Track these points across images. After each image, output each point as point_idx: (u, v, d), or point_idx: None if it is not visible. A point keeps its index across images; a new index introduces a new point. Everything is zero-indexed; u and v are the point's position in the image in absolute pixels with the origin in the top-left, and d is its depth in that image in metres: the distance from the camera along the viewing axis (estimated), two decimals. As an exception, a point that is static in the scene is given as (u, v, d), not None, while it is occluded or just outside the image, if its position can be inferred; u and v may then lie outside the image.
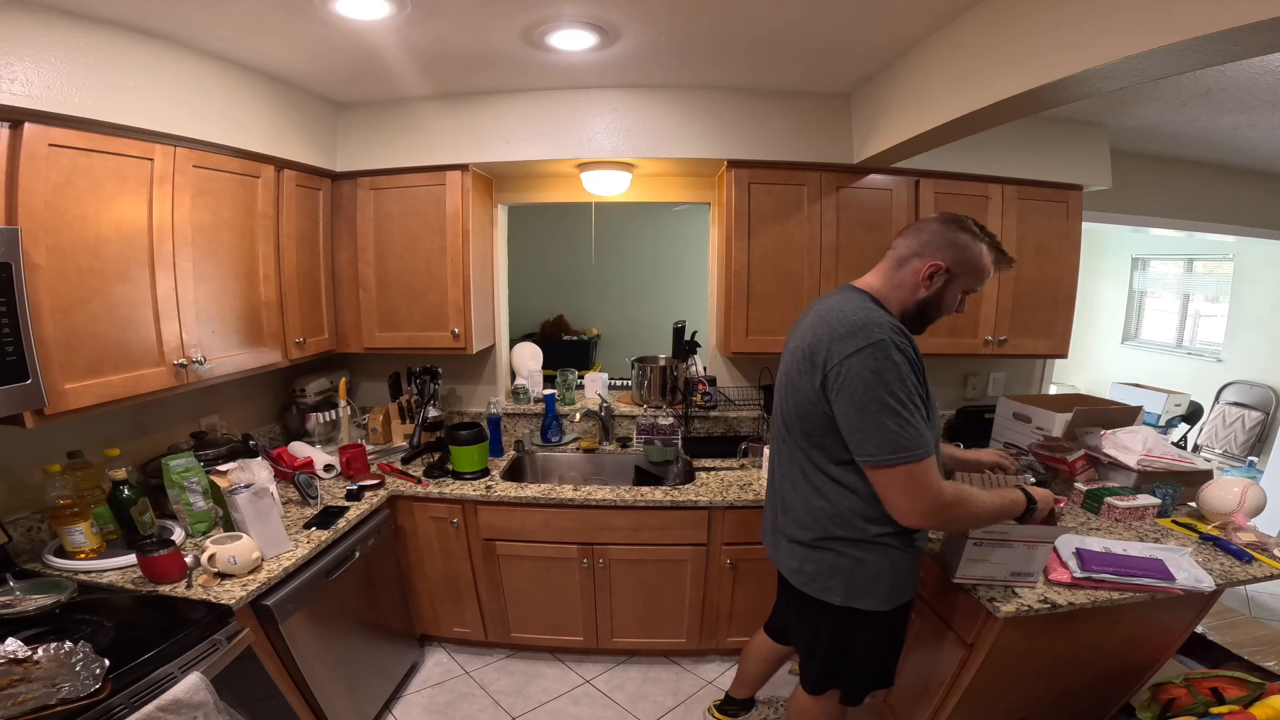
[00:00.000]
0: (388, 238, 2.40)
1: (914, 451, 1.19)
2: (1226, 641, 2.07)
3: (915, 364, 1.25)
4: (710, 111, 2.25)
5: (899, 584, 1.38)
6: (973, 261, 1.34)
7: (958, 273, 1.34)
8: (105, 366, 1.54)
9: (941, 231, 1.34)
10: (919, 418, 1.22)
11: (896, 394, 1.19)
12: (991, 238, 1.37)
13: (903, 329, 1.28)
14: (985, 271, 1.36)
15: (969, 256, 1.33)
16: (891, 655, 1.51)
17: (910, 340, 1.27)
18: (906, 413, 1.19)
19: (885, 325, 1.24)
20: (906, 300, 1.36)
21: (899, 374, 1.20)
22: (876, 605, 1.38)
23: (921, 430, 1.21)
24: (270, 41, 1.77)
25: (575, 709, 2.20)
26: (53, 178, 1.41)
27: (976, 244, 1.34)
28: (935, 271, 1.33)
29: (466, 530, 2.25)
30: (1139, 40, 1.12)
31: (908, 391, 1.20)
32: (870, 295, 1.36)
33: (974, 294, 1.41)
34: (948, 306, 1.38)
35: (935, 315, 1.39)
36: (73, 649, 1.16)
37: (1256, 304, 4.31)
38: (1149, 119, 2.31)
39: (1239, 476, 2.19)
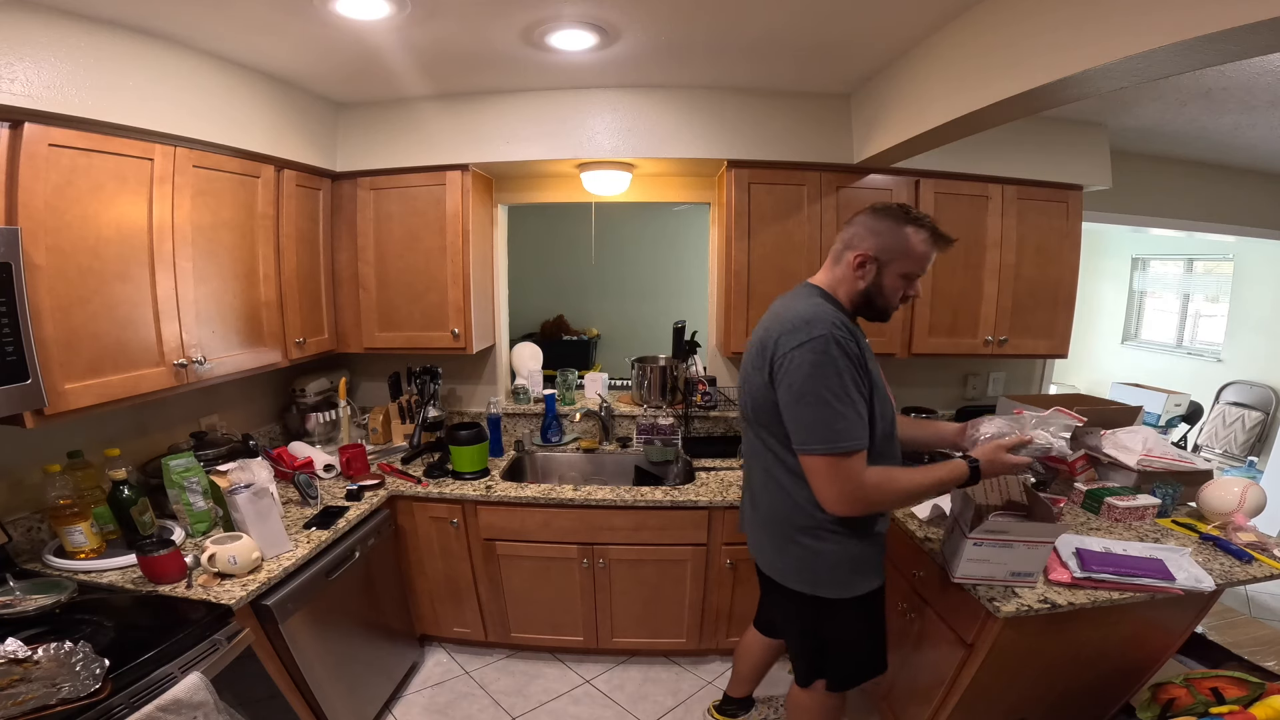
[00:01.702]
0: (388, 238, 2.40)
1: (839, 443, 1.26)
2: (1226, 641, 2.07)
3: (857, 358, 1.29)
4: (710, 111, 2.25)
5: (860, 571, 1.43)
6: (899, 247, 1.35)
7: (886, 259, 1.36)
8: (105, 366, 1.54)
9: (865, 222, 1.39)
10: (854, 411, 1.27)
11: (831, 387, 1.25)
12: (922, 219, 1.37)
13: (847, 324, 1.33)
14: (918, 254, 1.36)
15: (893, 242, 1.35)
16: (872, 640, 1.54)
17: (854, 334, 1.32)
18: (839, 405, 1.25)
19: (828, 321, 1.29)
20: (851, 292, 1.41)
21: (836, 368, 1.26)
22: (840, 593, 1.43)
23: (853, 424, 1.26)
24: (270, 41, 1.77)
25: (575, 709, 2.20)
26: (53, 178, 1.41)
27: (900, 229, 1.35)
28: (863, 261, 1.37)
29: (466, 530, 2.25)
30: (1139, 40, 1.12)
31: (843, 385, 1.26)
32: (822, 291, 1.43)
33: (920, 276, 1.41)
34: (891, 293, 1.39)
35: (884, 303, 1.41)
36: (73, 649, 1.16)
37: (1256, 304, 4.31)
38: (1149, 119, 2.31)
39: (1239, 476, 2.19)
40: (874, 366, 1.37)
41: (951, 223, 2.36)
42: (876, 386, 1.36)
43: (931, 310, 2.42)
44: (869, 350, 1.38)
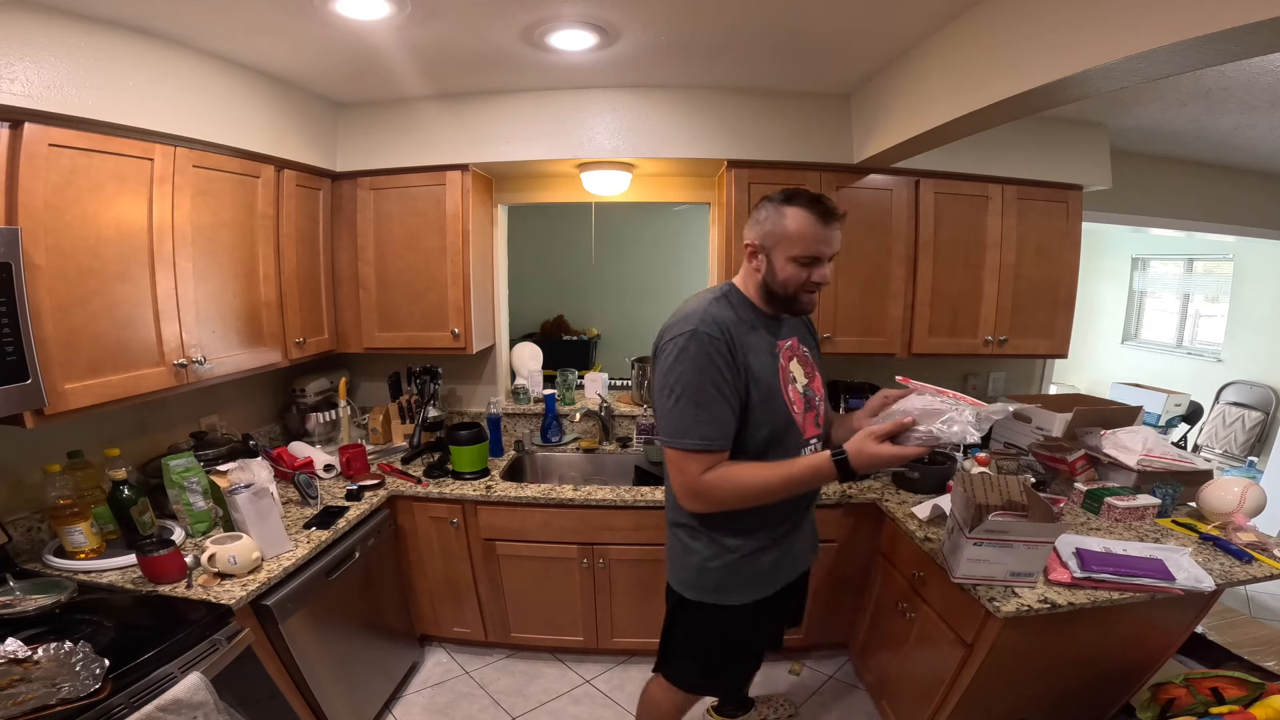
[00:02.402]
0: (388, 238, 2.40)
1: (683, 439, 1.26)
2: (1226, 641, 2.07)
3: (724, 356, 1.26)
4: (710, 111, 2.25)
5: (726, 582, 1.41)
6: (777, 230, 1.31)
7: (769, 245, 1.32)
8: (105, 366, 1.54)
9: (751, 215, 1.39)
10: (706, 412, 1.25)
11: (687, 381, 1.25)
12: (799, 195, 1.31)
13: (725, 320, 1.30)
14: (798, 234, 1.29)
15: (770, 226, 1.32)
16: (718, 655, 1.51)
17: (727, 331, 1.28)
18: (690, 401, 1.25)
19: (698, 316, 1.29)
20: (754, 285, 1.38)
21: (695, 365, 1.25)
22: (697, 595, 1.43)
23: (701, 423, 1.25)
24: (270, 41, 1.77)
25: (575, 709, 2.20)
26: (53, 178, 1.41)
27: (776, 211, 1.32)
28: (752, 251, 1.36)
29: (466, 530, 2.25)
30: (1139, 40, 1.12)
31: (699, 381, 1.25)
32: (731, 287, 1.41)
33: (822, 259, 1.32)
34: (787, 278, 1.32)
35: (785, 291, 1.34)
36: (73, 649, 1.16)
37: (1256, 304, 4.31)
38: (1149, 119, 2.31)
39: (1239, 476, 2.19)
40: (761, 364, 1.33)
41: (951, 223, 2.38)
42: (759, 385, 1.31)
43: (931, 310, 2.42)
44: (756, 347, 1.33)
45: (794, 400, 1.39)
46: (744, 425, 1.31)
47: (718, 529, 1.39)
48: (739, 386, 1.29)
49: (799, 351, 1.45)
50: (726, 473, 1.28)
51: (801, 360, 1.45)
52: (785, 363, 1.39)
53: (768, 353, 1.36)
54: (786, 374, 1.38)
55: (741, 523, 1.38)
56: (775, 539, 1.43)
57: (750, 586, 1.43)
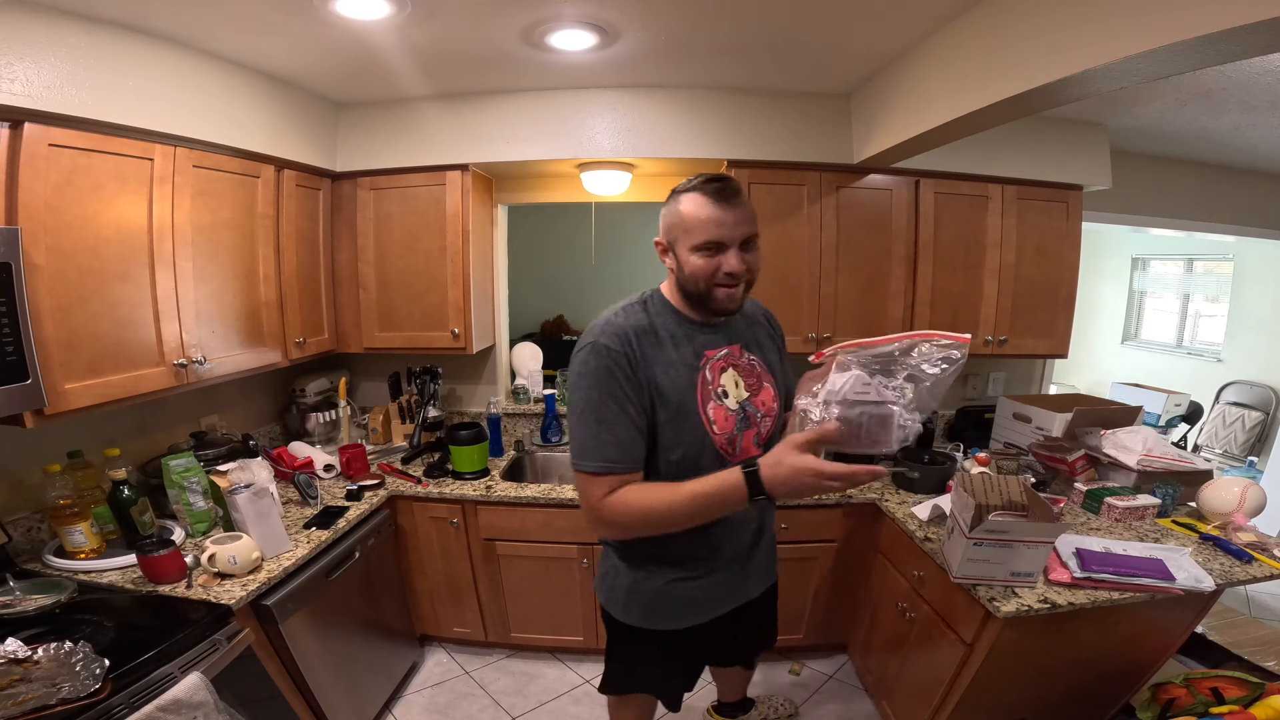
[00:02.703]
0: (388, 238, 2.40)
1: (584, 461, 1.17)
2: (1226, 641, 2.07)
3: (623, 369, 1.15)
4: (710, 112, 2.25)
5: (633, 600, 1.34)
6: (674, 220, 1.21)
7: (672, 238, 1.22)
8: (105, 366, 1.54)
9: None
10: (611, 429, 1.15)
11: (589, 397, 1.16)
12: (691, 181, 1.20)
13: (621, 331, 1.19)
14: (694, 218, 1.17)
15: (670, 219, 1.22)
16: (641, 672, 1.45)
17: (627, 345, 1.17)
18: (592, 419, 1.16)
19: (599, 327, 1.20)
20: (673, 285, 1.27)
21: (596, 380, 1.16)
22: (615, 612, 1.37)
23: (604, 444, 1.15)
24: (270, 41, 1.77)
25: (575, 709, 2.19)
26: (53, 178, 1.41)
27: (673, 201, 1.22)
28: (661, 251, 1.26)
29: (466, 530, 2.25)
30: (1139, 40, 1.12)
31: (601, 399, 1.15)
32: (654, 292, 1.30)
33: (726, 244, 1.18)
34: (694, 271, 1.19)
35: (692, 288, 1.21)
36: (73, 649, 1.16)
37: (1256, 304, 4.31)
38: (1149, 119, 2.31)
39: (1239, 476, 2.19)
40: (671, 379, 1.19)
41: (951, 223, 2.38)
42: (665, 402, 1.18)
43: (931, 310, 2.42)
44: (667, 360, 1.20)
45: (715, 419, 1.22)
46: (654, 447, 1.20)
47: (646, 553, 1.30)
48: (644, 403, 1.17)
49: (739, 361, 1.29)
50: (628, 496, 1.15)
51: (742, 371, 1.28)
52: (712, 376, 1.24)
53: (684, 365, 1.21)
54: (709, 389, 1.23)
55: (671, 548, 1.26)
56: (713, 567, 1.31)
57: (677, 614, 1.33)
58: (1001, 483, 1.56)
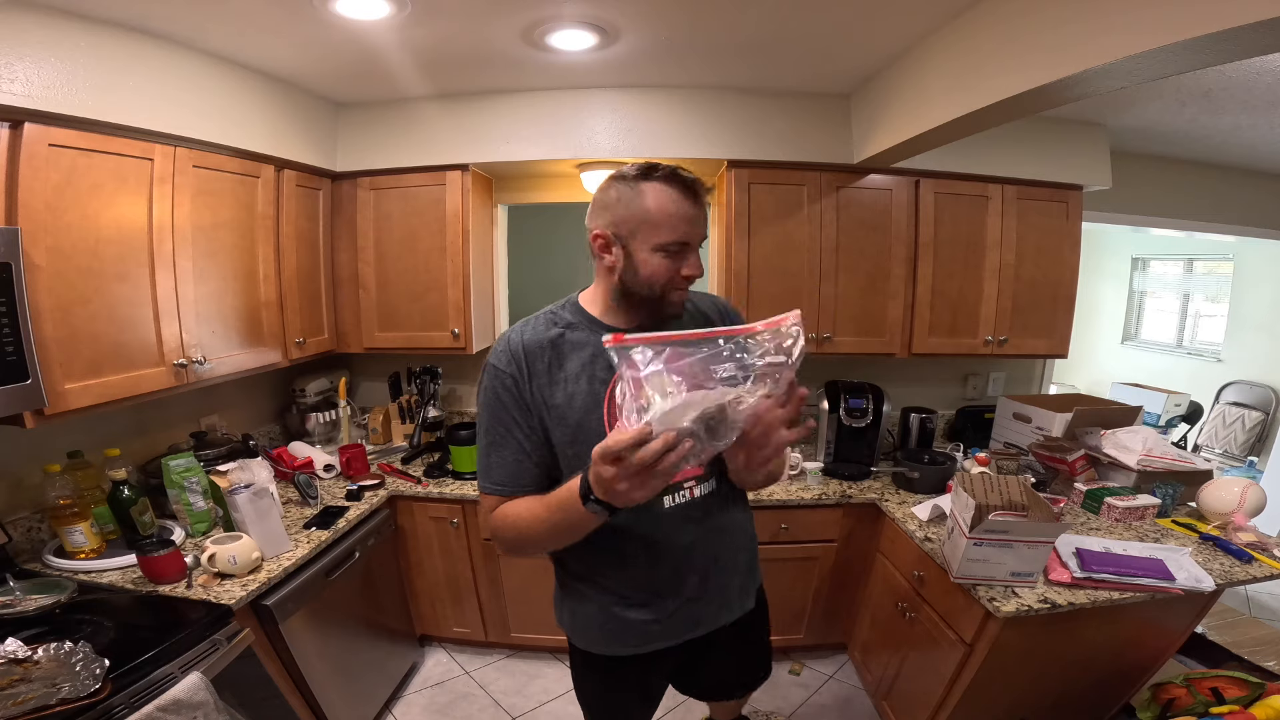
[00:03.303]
0: (388, 238, 2.40)
1: (483, 482, 1.12)
2: (1226, 641, 2.07)
3: (510, 392, 1.08)
4: (710, 112, 2.25)
5: (577, 622, 1.24)
6: (635, 213, 1.04)
7: (625, 233, 1.05)
8: (105, 366, 1.54)
9: (596, 197, 1.10)
10: (498, 451, 1.09)
11: (481, 418, 1.12)
12: (660, 167, 1.05)
13: (513, 349, 1.10)
14: (663, 214, 1.03)
15: (625, 209, 1.04)
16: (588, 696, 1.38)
17: (516, 363, 1.09)
18: (484, 440, 1.11)
19: (498, 344, 1.12)
20: (611, 288, 1.11)
21: (486, 401, 1.11)
22: (567, 633, 1.29)
23: (492, 466, 1.10)
24: (270, 41, 1.77)
25: (575, 709, 2.19)
26: (53, 178, 1.41)
27: (631, 189, 1.04)
28: (603, 244, 1.08)
29: (466, 530, 2.25)
30: (1139, 40, 1.12)
31: (489, 421, 1.10)
32: (571, 300, 1.19)
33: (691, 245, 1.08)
34: (653, 273, 1.06)
35: (645, 291, 1.08)
36: (73, 649, 1.16)
37: (1256, 304, 4.31)
38: (1149, 119, 2.30)
39: (1239, 476, 2.19)
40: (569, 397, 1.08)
41: (951, 223, 2.38)
42: (563, 424, 1.07)
43: (931, 310, 2.41)
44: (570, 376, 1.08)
45: None
46: (562, 471, 1.10)
47: (578, 573, 1.21)
48: (533, 426, 1.08)
49: None
50: (506, 510, 1.09)
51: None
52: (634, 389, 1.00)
53: (589, 379, 1.08)
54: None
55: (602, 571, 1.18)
56: (653, 593, 1.17)
57: (622, 640, 1.21)
58: (1001, 483, 1.56)
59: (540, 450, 1.10)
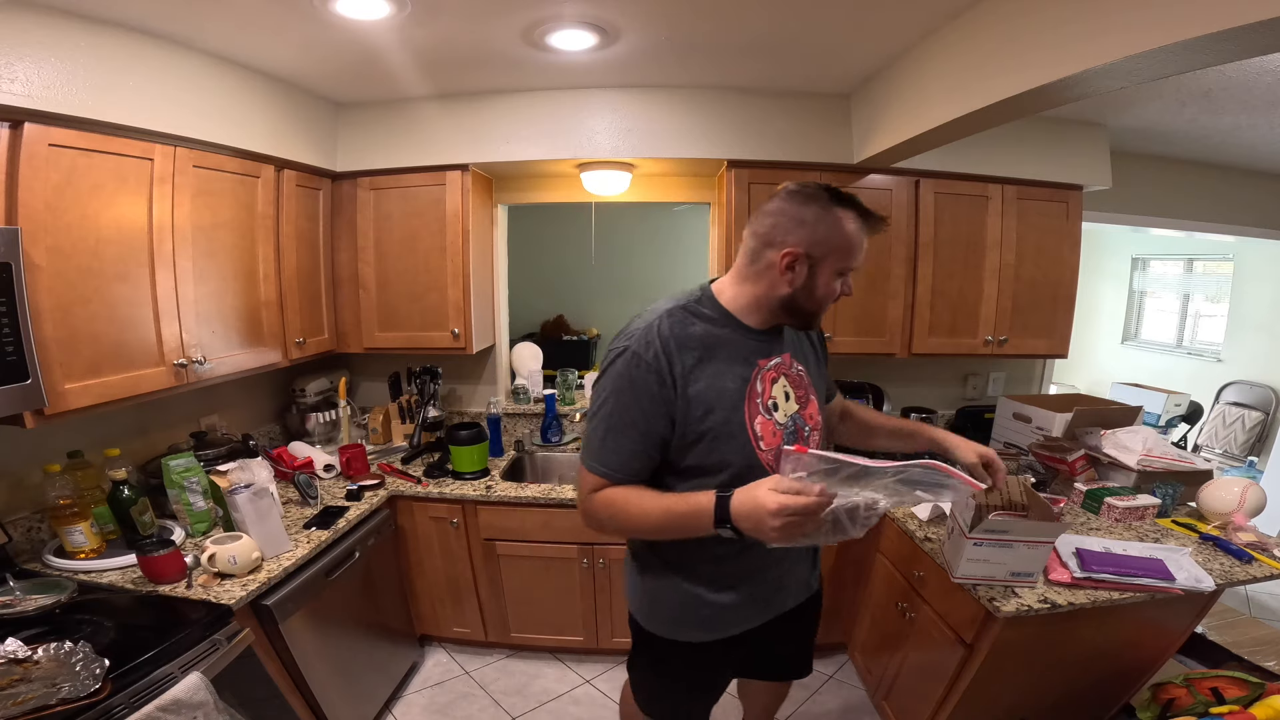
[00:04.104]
0: (388, 238, 2.40)
1: (591, 462, 1.15)
2: (1226, 641, 2.07)
3: (651, 384, 1.09)
4: (710, 112, 2.25)
5: (657, 610, 1.28)
6: (833, 238, 1.09)
7: (820, 255, 1.09)
8: (105, 366, 1.54)
9: (787, 209, 1.11)
10: (617, 438, 1.11)
11: (607, 402, 1.12)
12: (849, 198, 1.10)
13: (660, 339, 1.11)
14: (853, 244, 1.10)
15: (826, 232, 1.09)
16: (666, 685, 1.40)
17: (662, 356, 1.10)
18: (603, 424, 1.13)
19: (639, 332, 1.12)
20: (766, 295, 1.15)
21: (617, 387, 1.11)
22: (643, 620, 1.32)
23: (607, 450, 1.12)
24: (270, 41, 1.77)
25: (575, 709, 2.20)
26: (53, 178, 1.41)
27: (830, 214, 1.09)
28: (794, 260, 1.09)
29: (466, 530, 2.25)
30: (1139, 40, 1.12)
31: (616, 407, 1.11)
32: (703, 290, 1.20)
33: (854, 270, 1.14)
34: (824, 296, 1.13)
35: (811, 308, 1.15)
36: (73, 649, 1.16)
37: (1256, 304, 4.31)
38: (1149, 119, 2.31)
39: (1239, 476, 2.19)
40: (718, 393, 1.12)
41: (951, 223, 2.38)
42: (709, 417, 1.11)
43: (931, 310, 2.42)
44: (716, 372, 1.12)
45: (763, 435, 1.15)
46: (694, 469, 1.13)
47: (672, 561, 1.24)
48: (669, 418, 1.11)
49: (789, 370, 1.22)
50: (613, 495, 1.13)
51: (793, 381, 1.22)
52: (764, 387, 1.17)
53: (734, 376, 1.14)
54: (760, 401, 1.16)
55: (698, 558, 1.21)
56: (741, 579, 1.24)
57: (705, 626, 1.26)
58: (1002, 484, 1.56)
59: (658, 446, 1.13)
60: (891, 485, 0.96)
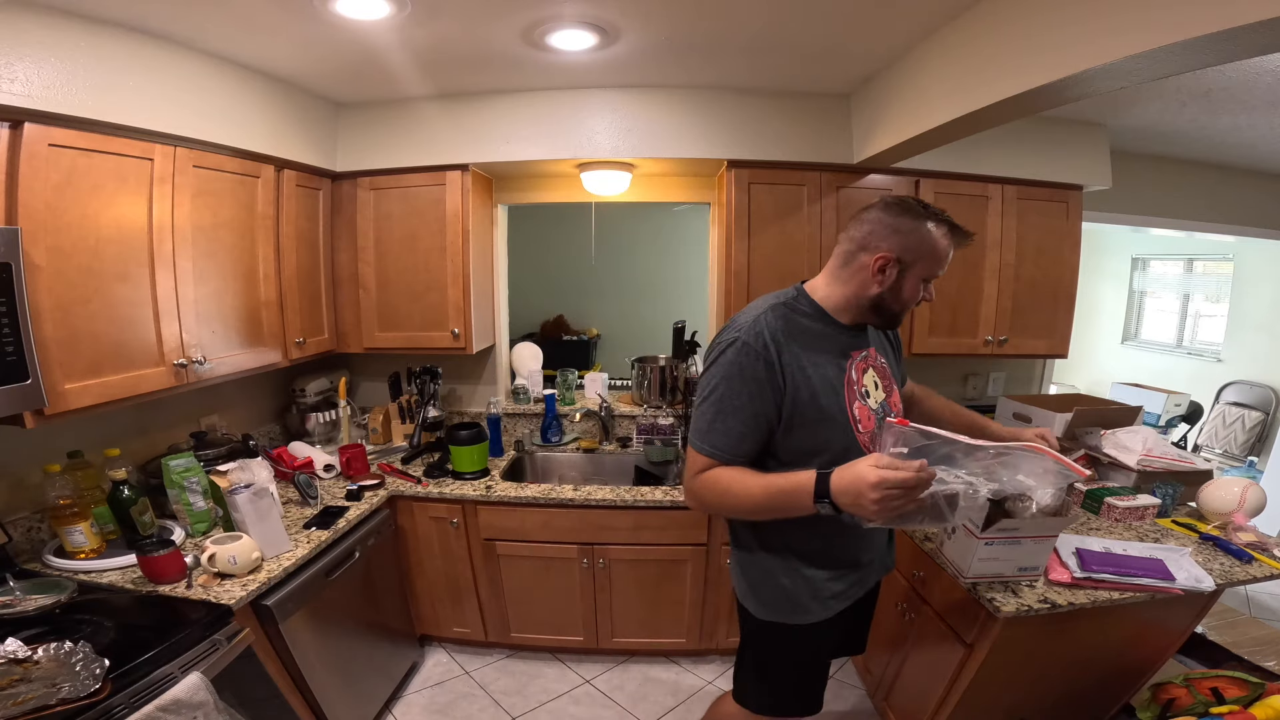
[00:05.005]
0: (388, 238, 2.40)
1: (695, 439, 1.23)
2: (1226, 641, 2.07)
3: (760, 371, 1.17)
4: (710, 112, 2.25)
5: (764, 595, 1.34)
6: (923, 246, 1.21)
7: (909, 261, 1.21)
8: (105, 366, 1.54)
9: (882, 219, 1.22)
10: (726, 420, 1.19)
11: (717, 387, 1.21)
12: (942, 215, 1.23)
13: (768, 331, 1.20)
14: (940, 254, 1.22)
15: (917, 241, 1.20)
16: (787, 673, 1.42)
17: (770, 346, 1.18)
18: (713, 407, 1.21)
19: (747, 324, 1.22)
20: (856, 296, 1.25)
21: (727, 373, 1.20)
22: (756, 610, 1.36)
23: (715, 431, 1.20)
24: (270, 41, 1.77)
25: (575, 709, 2.20)
26: (53, 178, 1.41)
27: (922, 225, 1.21)
28: (885, 264, 1.21)
29: (466, 530, 2.25)
30: (1139, 40, 1.12)
31: (727, 391, 1.20)
32: (798, 290, 1.30)
33: (937, 279, 1.27)
34: (909, 299, 1.25)
35: (897, 309, 1.26)
36: (73, 649, 1.16)
37: (1256, 304, 4.31)
38: (1149, 119, 2.31)
39: (1239, 476, 2.19)
40: (822, 379, 1.21)
41: (951, 223, 2.37)
42: (813, 402, 1.20)
43: (931, 310, 2.41)
44: (817, 361, 1.22)
45: (860, 418, 1.25)
46: (797, 451, 1.22)
47: (778, 546, 1.31)
48: (776, 403, 1.19)
49: (876, 363, 1.33)
50: (719, 474, 1.21)
51: (879, 372, 1.33)
52: (857, 375, 1.28)
53: (833, 366, 1.24)
54: (855, 388, 1.26)
55: (803, 541, 1.29)
56: (845, 561, 1.33)
57: (820, 605, 1.33)
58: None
59: (763, 430, 1.21)
60: (992, 467, 0.97)
